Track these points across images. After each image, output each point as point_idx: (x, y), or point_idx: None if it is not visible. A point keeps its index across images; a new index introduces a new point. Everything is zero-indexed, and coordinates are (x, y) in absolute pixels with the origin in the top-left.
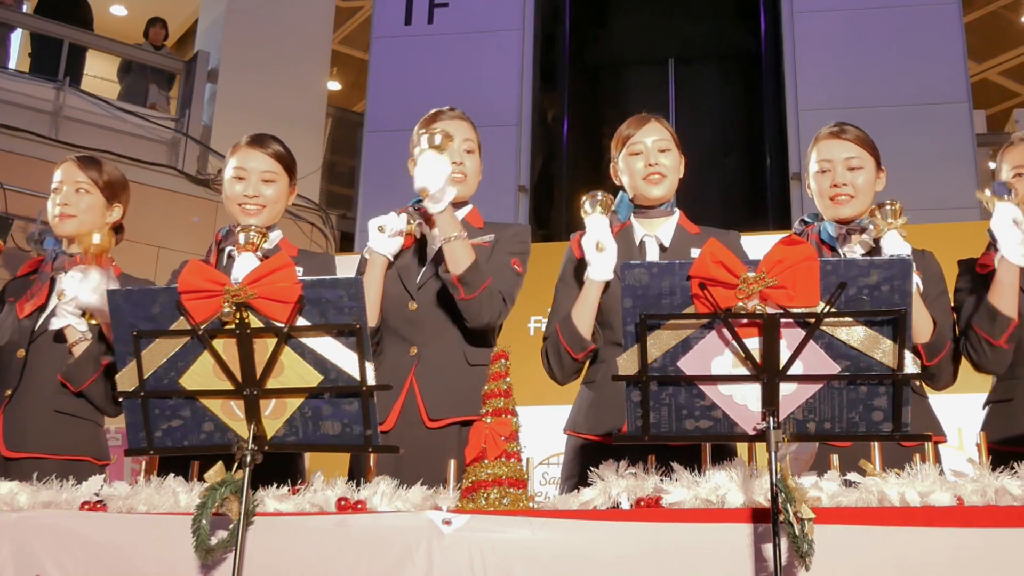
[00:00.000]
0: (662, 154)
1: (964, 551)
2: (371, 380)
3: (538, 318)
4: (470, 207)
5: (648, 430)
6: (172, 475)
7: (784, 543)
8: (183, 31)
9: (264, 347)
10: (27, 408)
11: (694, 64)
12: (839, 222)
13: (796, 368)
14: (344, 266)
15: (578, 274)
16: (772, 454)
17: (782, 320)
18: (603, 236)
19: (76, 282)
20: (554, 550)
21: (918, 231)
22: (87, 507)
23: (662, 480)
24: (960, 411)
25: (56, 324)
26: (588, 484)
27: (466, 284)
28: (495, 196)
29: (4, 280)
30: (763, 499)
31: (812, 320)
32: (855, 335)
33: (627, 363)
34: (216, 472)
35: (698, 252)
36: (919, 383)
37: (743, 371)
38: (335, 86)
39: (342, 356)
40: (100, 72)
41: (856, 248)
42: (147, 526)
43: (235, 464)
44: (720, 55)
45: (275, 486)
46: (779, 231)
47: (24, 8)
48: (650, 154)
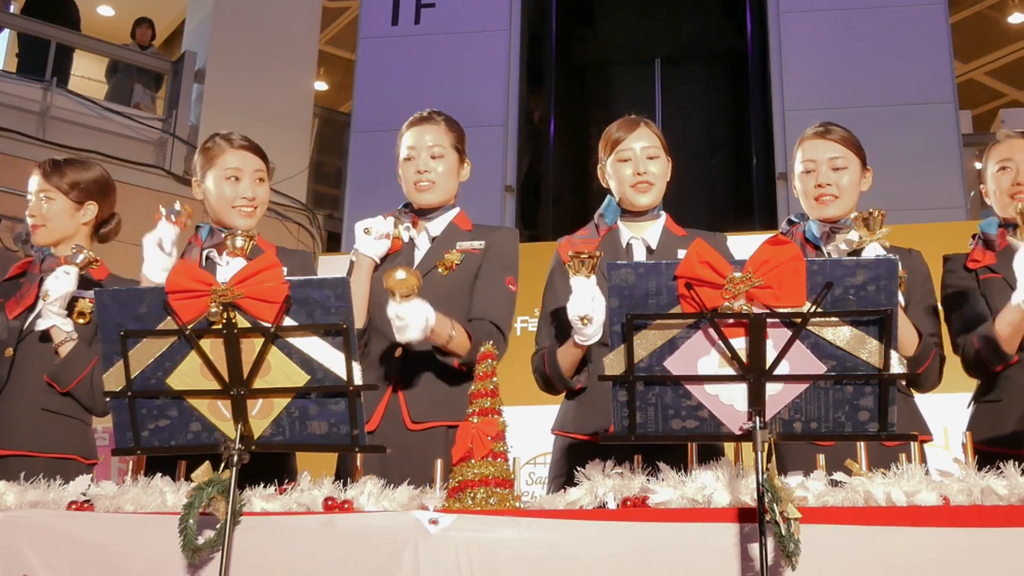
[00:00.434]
0: (651, 161)
1: (950, 551)
2: (358, 380)
3: (525, 318)
4: (457, 210)
5: (635, 430)
6: (159, 475)
7: (770, 543)
8: (170, 31)
9: (251, 347)
10: (15, 407)
11: (681, 64)
12: (823, 221)
13: (782, 368)
14: (331, 266)
15: (565, 284)
16: (758, 454)
17: (768, 320)
18: (587, 308)
19: (59, 282)
20: (541, 550)
21: (904, 231)
22: (74, 507)
23: (648, 480)
24: (946, 411)
25: (42, 325)
26: (576, 484)
27: (455, 355)
28: (482, 196)
29: None
30: (749, 499)
31: (798, 320)
32: (841, 335)
33: (613, 363)
34: (203, 472)
35: (685, 254)
36: (904, 383)
37: (729, 371)
38: (322, 86)
39: (329, 356)
40: (87, 72)
41: (840, 247)
42: (134, 526)
43: (222, 464)
44: (707, 55)
45: (262, 486)
46: (765, 231)
47: (11, 8)
48: (639, 162)
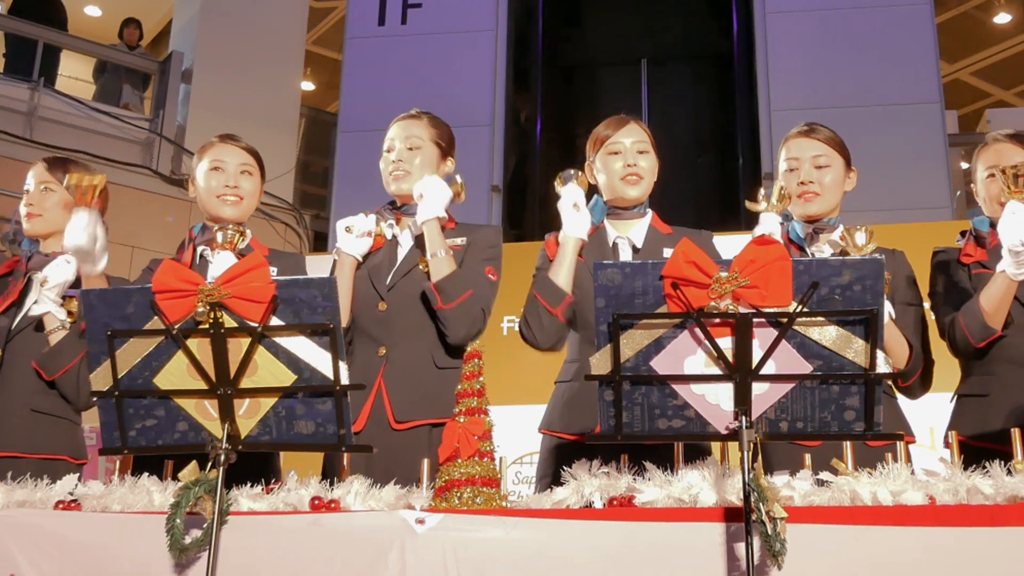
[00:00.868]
0: (641, 155)
1: (936, 550)
2: (344, 380)
3: (511, 318)
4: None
5: (621, 429)
6: (146, 474)
7: (756, 542)
8: (157, 31)
9: (238, 347)
10: (4, 408)
11: (667, 64)
12: (807, 220)
13: (768, 367)
14: (318, 266)
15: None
16: (744, 453)
17: (754, 320)
18: (580, 199)
19: (60, 270)
20: (527, 549)
21: (890, 231)
22: (62, 506)
23: (635, 479)
24: (932, 410)
25: (37, 310)
26: (563, 483)
27: (443, 292)
28: (468, 196)
29: None
30: (735, 498)
31: (784, 320)
32: (827, 335)
33: (600, 363)
34: (190, 471)
35: (671, 252)
36: (889, 382)
37: (715, 371)
38: (309, 86)
39: (316, 356)
40: (74, 72)
41: (824, 248)
42: (121, 525)
43: (209, 463)
44: (693, 55)
45: (249, 485)
46: (751, 231)
47: None
48: (629, 154)
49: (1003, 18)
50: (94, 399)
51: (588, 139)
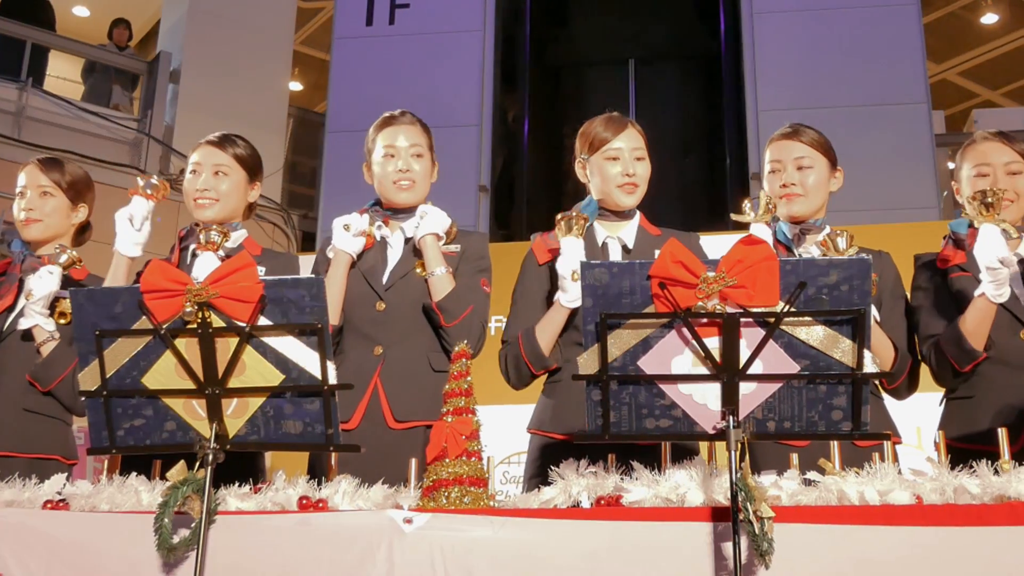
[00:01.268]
0: (638, 163)
1: (923, 549)
2: (332, 379)
3: (499, 318)
4: None
5: (608, 429)
6: (134, 474)
7: (744, 541)
8: (145, 31)
9: (226, 346)
10: None
11: (654, 65)
12: (793, 221)
13: (756, 367)
14: (308, 266)
15: (539, 280)
16: (732, 453)
17: (742, 319)
18: (579, 264)
19: (43, 281)
20: (515, 549)
21: (877, 231)
22: (50, 506)
23: (622, 479)
24: (918, 410)
25: (24, 324)
26: (550, 483)
27: (445, 312)
28: (456, 196)
29: None
30: (723, 498)
31: (772, 319)
32: (814, 334)
33: (587, 362)
34: (178, 471)
35: None
36: (876, 383)
37: (703, 370)
38: (296, 87)
39: (304, 355)
40: (63, 73)
41: (812, 249)
42: (109, 525)
43: (197, 463)
44: (680, 56)
45: (237, 485)
46: (738, 231)
47: None
48: (627, 163)
49: (990, 18)
50: (84, 400)
51: (579, 134)
